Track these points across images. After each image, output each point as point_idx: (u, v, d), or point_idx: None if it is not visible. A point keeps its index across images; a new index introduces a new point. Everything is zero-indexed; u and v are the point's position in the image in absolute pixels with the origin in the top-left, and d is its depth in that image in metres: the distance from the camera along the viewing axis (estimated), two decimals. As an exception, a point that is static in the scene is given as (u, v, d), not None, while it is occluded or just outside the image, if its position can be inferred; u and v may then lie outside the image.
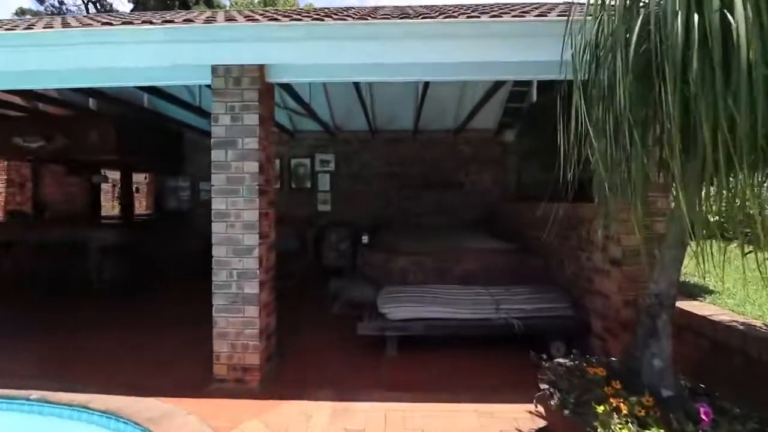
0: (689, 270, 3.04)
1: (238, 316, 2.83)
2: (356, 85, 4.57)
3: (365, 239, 5.16)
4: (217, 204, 2.86)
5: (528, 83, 5.99)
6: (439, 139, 6.84)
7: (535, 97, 4.95)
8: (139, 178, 11.14)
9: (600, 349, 2.96)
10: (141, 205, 11.81)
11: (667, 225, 1.80)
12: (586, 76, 1.80)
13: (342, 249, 6.54)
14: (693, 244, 1.66)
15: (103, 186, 9.78)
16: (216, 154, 2.85)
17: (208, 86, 2.90)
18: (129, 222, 7.08)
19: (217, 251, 2.84)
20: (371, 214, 6.92)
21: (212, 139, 2.85)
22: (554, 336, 3.34)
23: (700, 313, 2.22)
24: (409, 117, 6.24)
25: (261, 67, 2.83)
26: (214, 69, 2.82)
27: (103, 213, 9.51)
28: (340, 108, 6.28)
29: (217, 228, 2.85)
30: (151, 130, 6.22)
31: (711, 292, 2.65)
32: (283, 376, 2.99)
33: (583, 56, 1.84)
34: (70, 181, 7.44)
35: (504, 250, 4.60)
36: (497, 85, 4.21)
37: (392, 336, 3.39)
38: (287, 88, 4.45)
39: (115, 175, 9.66)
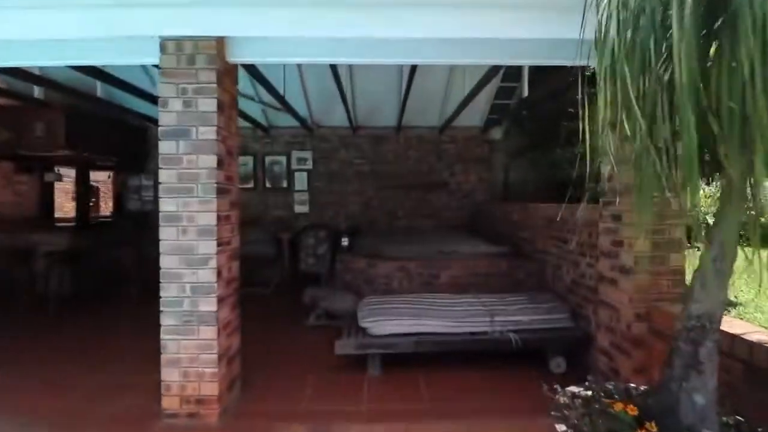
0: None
1: (191, 338, 2.38)
2: (335, 74, 4.16)
3: (345, 243, 4.75)
4: (166, 205, 2.39)
5: (517, 78, 5.72)
6: (423, 136, 6.50)
7: (525, 93, 4.67)
8: (104, 177, 10.39)
9: (607, 366, 2.66)
10: (107, 207, 11.02)
11: (715, 230, 1.48)
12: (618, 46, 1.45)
13: (320, 253, 6.10)
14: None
15: (64, 186, 9.04)
16: (165, 146, 2.39)
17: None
18: (84, 225, 6.43)
19: (166, 262, 2.38)
20: (351, 216, 6.52)
21: (160, 128, 2.40)
22: (554, 350, 3.03)
23: (731, 331, 1.93)
24: (392, 112, 5.87)
25: (219, 42, 2.39)
26: (163, 45, 2.36)
27: (63, 215, 8.77)
28: (318, 101, 5.86)
29: (166, 234, 2.39)
30: (107, 124, 5.63)
31: (734, 304, 2.39)
32: (248, 407, 2.56)
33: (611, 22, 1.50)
34: (20, 179, 6.72)
35: (496, 254, 4.29)
36: (488, 75, 3.89)
37: (375, 354, 3.01)
38: (260, 78, 4.02)
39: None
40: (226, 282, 2.53)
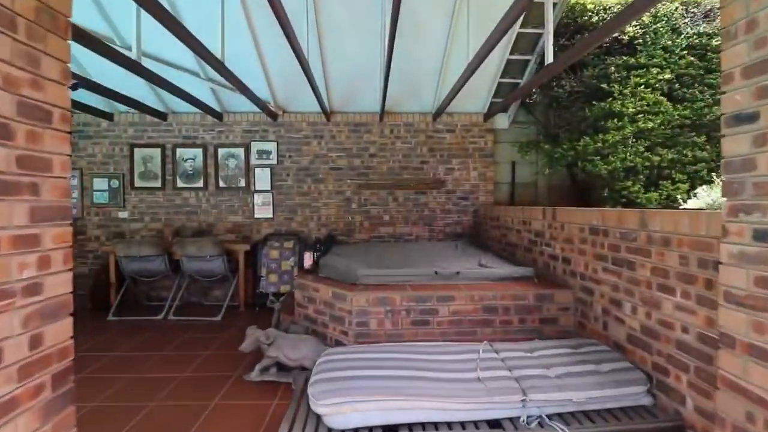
0: None
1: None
2: (294, 49, 2.94)
3: (308, 260, 3.53)
4: None
5: (530, 50, 4.57)
6: (413, 124, 5.31)
7: (550, 58, 3.48)
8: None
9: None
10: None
11: None
12: None
13: (286, 270, 4.88)
14: None
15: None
16: None
17: None
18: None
19: None
20: (326, 223, 5.29)
21: None
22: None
23: None
24: (374, 94, 4.68)
25: None
26: None
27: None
28: (282, 79, 4.64)
29: None
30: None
31: None
32: None
33: None
34: None
35: (515, 277, 3.10)
36: (493, 39, 2.72)
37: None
38: (202, 53, 2.82)
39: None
40: (22, 372, 1.29)
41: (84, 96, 4.64)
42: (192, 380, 2.96)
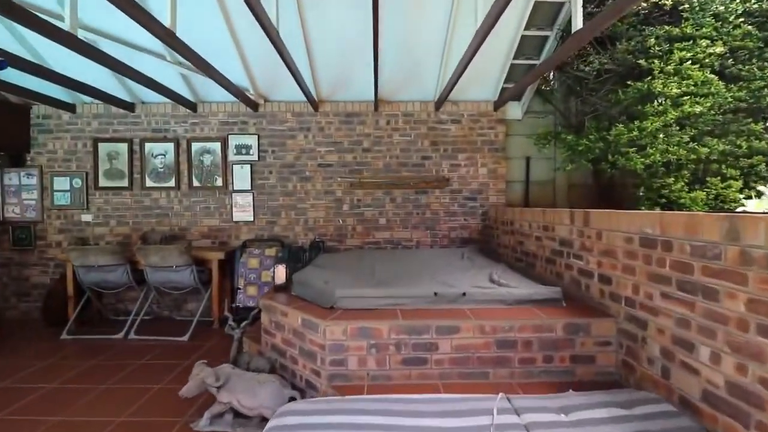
0: None
1: None
2: (264, 27, 2.32)
3: (281, 274, 2.89)
4: None
5: (550, 23, 3.89)
6: (413, 114, 4.66)
7: (579, 23, 2.79)
8: None
9: None
10: None
11: None
12: None
13: (266, 281, 4.26)
14: None
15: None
16: None
17: None
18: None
19: None
20: (314, 227, 4.66)
21: None
22: None
23: None
24: (367, 79, 4.02)
25: None
26: None
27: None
28: (262, 64, 4.01)
29: None
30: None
31: None
32: None
33: None
34: None
35: (537, 300, 2.42)
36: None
37: None
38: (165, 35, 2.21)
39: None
40: None
41: (43, 86, 4.07)
42: (127, 428, 2.34)
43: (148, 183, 4.65)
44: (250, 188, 4.62)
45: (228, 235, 4.66)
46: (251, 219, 4.64)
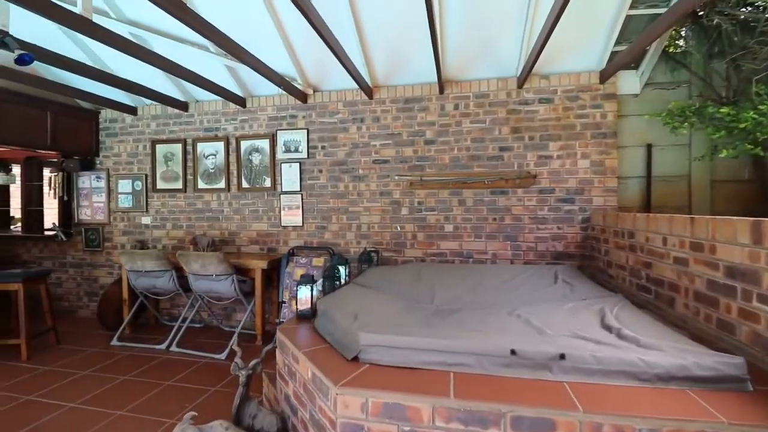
0: None
1: None
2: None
3: (305, 298, 2.25)
4: None
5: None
6: (487, 95, 3.73)
7: None
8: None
9: None
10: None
11: None
12: None
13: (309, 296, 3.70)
14: None
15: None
16: None
17: None
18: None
19: None
20: (367, 234, 4.00)
21: None
22: None
23: None
24: (429, 57, 3.22)
25: None
26: None
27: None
28: (309, 50, 3.46)
29: None
30: (22, 104, 3.90)
31: None
32: None
33: None
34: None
35: (701, 378, 1.40)
36: None
37: None
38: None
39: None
40: None
41: (108, 90, 4.09)
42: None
43: (200, 185, 4.43)
44: (298, 189, 4.13)
45: (276, 240, 4.23)
46: (300, 223, 4.14)
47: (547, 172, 3.60)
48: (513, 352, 1.49)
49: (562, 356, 1.46)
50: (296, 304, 2.33)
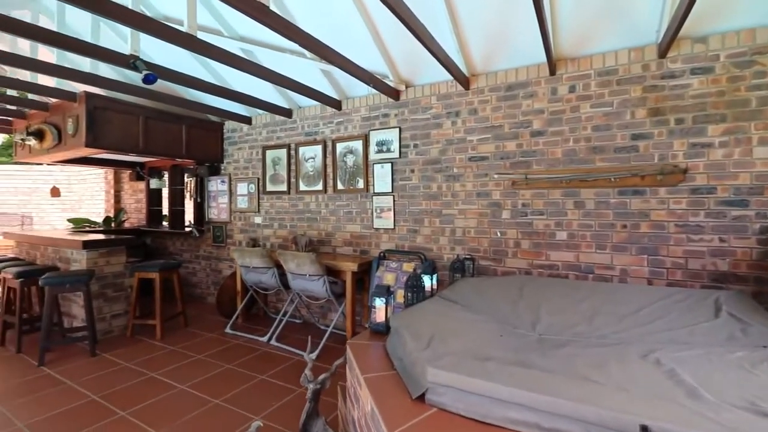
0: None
1: None
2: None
3: (380, 311, 2.04)
4: None
5: None
6: (617, 70, 3.00)
7: None
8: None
9: None
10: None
11: None
12: None
13: (400, 303, 3.50)
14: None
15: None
16: None
17: None
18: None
19: None
20: (461, 239, 3.62)
21: None
22: None
23: None
24: (536, 32, 2.71)
25: None
26: None
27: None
28: (399, 42, 3.27)
29: None
30: (164, 120, 4.61)
31: None
32: None
33: None
34: (138, 186, 6.75)
35: None
36: None
37: None
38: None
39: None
40: None
41: (228, 104, 4.60)
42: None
43: (301, 187, 4.63)
44: (390, 190, 3.97)
45: (369, 243, 4.15)
46: (392, 226, 3.98)
47: (704, 165, 2.72)
48: (645, 429, 1.01)
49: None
50: (370, 315, 2.13)
